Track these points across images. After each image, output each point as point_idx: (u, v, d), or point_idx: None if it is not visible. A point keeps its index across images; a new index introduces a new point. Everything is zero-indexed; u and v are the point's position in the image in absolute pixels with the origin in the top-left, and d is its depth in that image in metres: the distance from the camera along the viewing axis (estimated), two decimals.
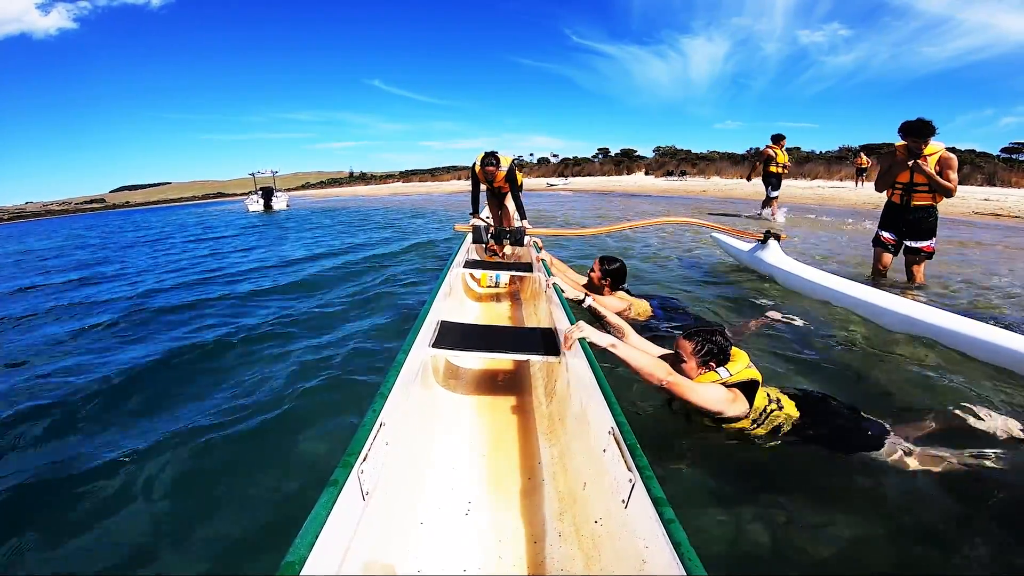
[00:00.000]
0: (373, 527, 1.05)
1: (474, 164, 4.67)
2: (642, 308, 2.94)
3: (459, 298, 3.25)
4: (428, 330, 1.94)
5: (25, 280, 7.89)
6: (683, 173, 28.82)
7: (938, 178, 3.44)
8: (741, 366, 1.82)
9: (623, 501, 1.00)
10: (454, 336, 1.99)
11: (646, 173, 32.68)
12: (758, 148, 33.64)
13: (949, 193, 3.47)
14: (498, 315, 3.23)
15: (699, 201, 14.67)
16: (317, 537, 0.77)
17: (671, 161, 33.68)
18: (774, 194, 8.64)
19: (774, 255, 4.27)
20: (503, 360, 2.20)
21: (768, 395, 1.81)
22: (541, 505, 1.37)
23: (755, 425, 1.78)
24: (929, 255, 3.75)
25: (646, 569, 0.87)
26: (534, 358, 1.89)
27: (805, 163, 22.77)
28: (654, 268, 5.20)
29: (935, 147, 3.47)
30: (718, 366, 1.80)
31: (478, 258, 4.26)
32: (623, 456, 1.03)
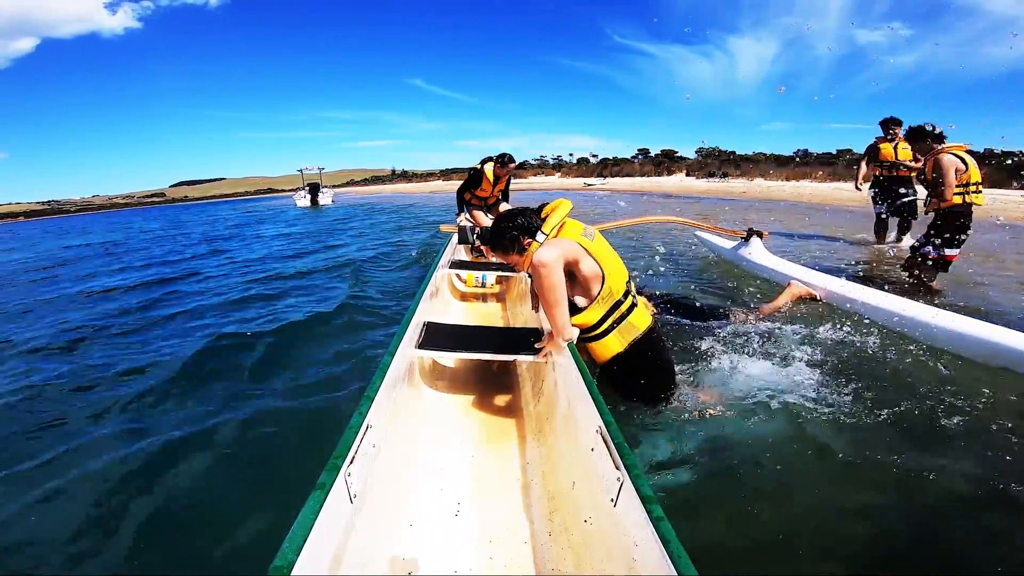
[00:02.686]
0: (361, 530, 1.04)
1: (483, 167, 4.68)
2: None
3: (445, 299, 3.24)
4: (414, 331, 1.92)
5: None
6: (724, 175, 28.22)
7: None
8: (557, 217, 1.76)
9: (612, 500, 1.01)
10: (440, 337, 1.98)
11: (687, 174, 32.12)
12: (805, 149, 32.10)
13: (942, 196, 3.48)
14: (484, 315, 3.23)
15: (741, 203, 14.49)
16: (305, 540, 0.76)
17: (713, 162, 33.18)
18: (879, 209, 5.58)
19: (757, 252, 4.36)
20: (490, 360, 2.20)
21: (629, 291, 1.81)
22: (530, 505, 1.37)
23: (604, 321, 1.76)
24: (934, 262, 3.62)
25: (636, 567, 0.87)
26: (521, 358, 1.89)
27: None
28: (642, 267, 5.25)
29: (936, 148, 3.48)
30: (534, 237, 1.74)
31: (464, 259, 4.25)
32: (611, 455, 1.04)
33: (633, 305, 1.83)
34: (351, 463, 1.00)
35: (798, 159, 30.16)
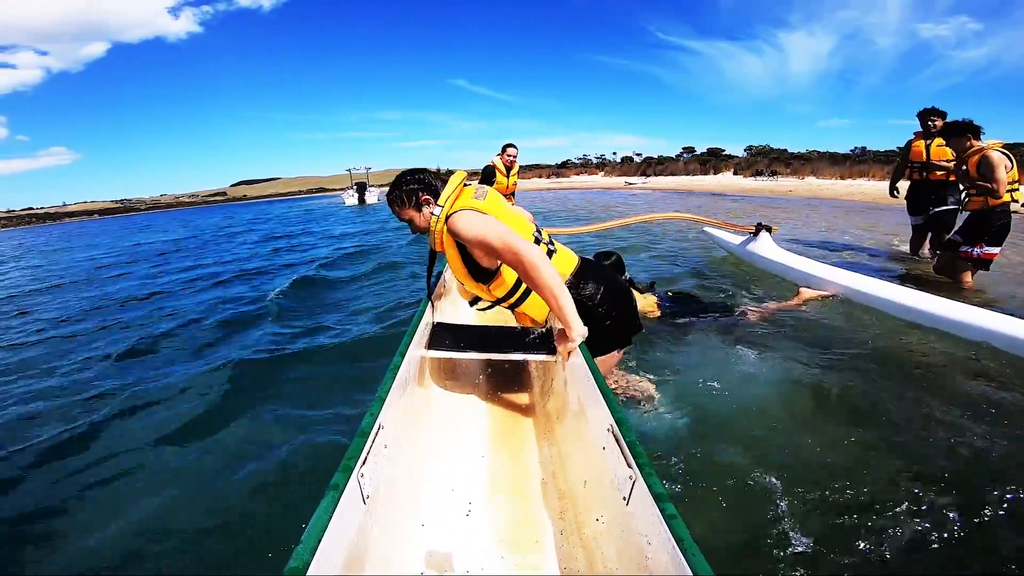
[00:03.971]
0: (374, 530, 1.05)
1: (493, 163, 4.80)
2: (648, 304, 2.96)
3: (454, 299, 3.24)
4: (423, 332, 1.93)
5: None
6: (774, 173, 27.25)
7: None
8: (452, 187, 1.69)
9: (624, 498, 1.00)
10: (450, 337, 1.98)
11: (734, 173, 31.13)
12: (863, 147, 30.32)
13: (992, 194, 3.39)
14: (493, 316, 3.22)
15: (783, 201, 14.22)
16: (319, 542, 0.76)
17: (762, 160, 32.10)
18: (913, 219, 4.78)
19: (765, 247, 4.32)
20: (500, 360, 2.20)
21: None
22: (542, 504, 1.37)
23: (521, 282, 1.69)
24: (976, 261, 3.55)
25: (649, 566, 0.87)
26: (530, 357, 1.88)
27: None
28: (652, 264, 5.23)
29: (977, 145, 3.42)
30: (435, 198, 1.68)
31: None
32: (622, 453, 1.03)
33: (551, 252, 1.78)
34: (363, 464, 1.01)
35: (855, 157, 28.82)
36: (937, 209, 4.40)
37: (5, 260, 14.52)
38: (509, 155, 4.77)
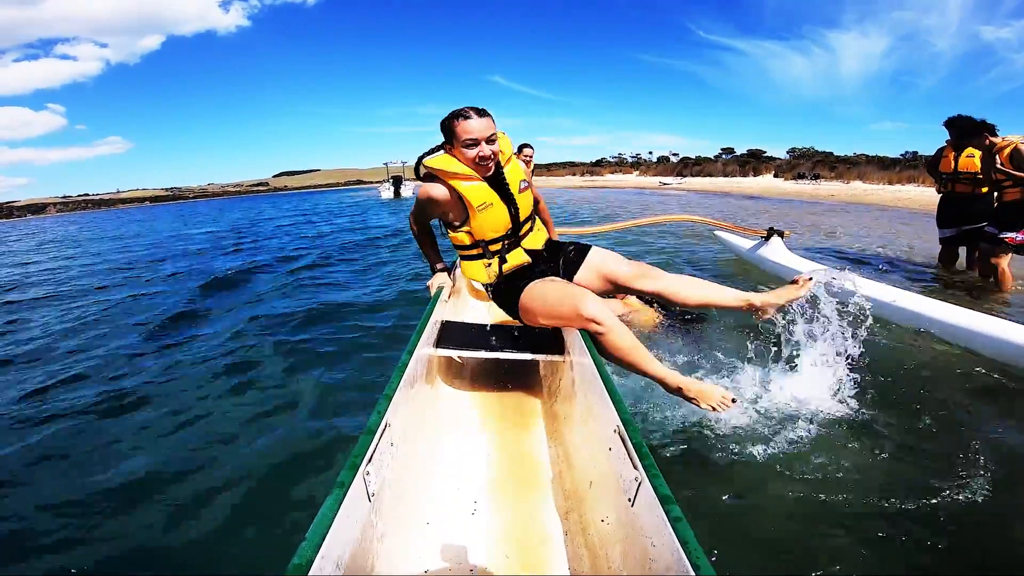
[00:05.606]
0: (379, 528, 1.05)
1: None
2: (647, 317, 2.92)
3: (462, 298, 3.25)
4: (431, 330, 1.93)
5: None
6: (816, 176, 26.50)
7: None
8: None
9: (629, 500, 1.00)
10: (457, 336, 1.99)
11: (775, 175, 30.58)
12: (914, 152, 28.04)
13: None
14: (501, 314, 3.22)
15: (822, 205, 13.89)
16: (323, 539, 0.77)
17: (805, 163, 31.44)
18: (941, 233, 4.38)
19: (777, 252, 4.27)
20: (507, 359, 2.20)
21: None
22: (547, 504, 1.37)
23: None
24: (1011, 244, 3.62)
25: (653, 568, 0.86)
26: (538, 357, 1.88)
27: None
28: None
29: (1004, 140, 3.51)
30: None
31: None
32: (628, 454, 1.03)
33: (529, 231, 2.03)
34: (369, 462, 1.01)
35: (905, 161, 27.33)
36: (966, 227, 4.11)
37: None
38: (525, 155, 4.85)
